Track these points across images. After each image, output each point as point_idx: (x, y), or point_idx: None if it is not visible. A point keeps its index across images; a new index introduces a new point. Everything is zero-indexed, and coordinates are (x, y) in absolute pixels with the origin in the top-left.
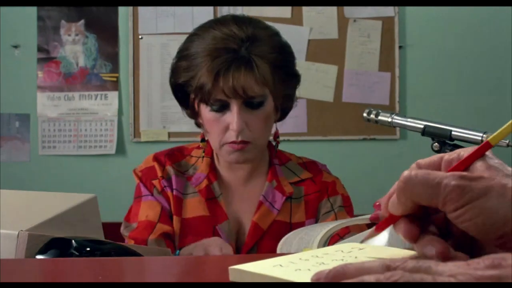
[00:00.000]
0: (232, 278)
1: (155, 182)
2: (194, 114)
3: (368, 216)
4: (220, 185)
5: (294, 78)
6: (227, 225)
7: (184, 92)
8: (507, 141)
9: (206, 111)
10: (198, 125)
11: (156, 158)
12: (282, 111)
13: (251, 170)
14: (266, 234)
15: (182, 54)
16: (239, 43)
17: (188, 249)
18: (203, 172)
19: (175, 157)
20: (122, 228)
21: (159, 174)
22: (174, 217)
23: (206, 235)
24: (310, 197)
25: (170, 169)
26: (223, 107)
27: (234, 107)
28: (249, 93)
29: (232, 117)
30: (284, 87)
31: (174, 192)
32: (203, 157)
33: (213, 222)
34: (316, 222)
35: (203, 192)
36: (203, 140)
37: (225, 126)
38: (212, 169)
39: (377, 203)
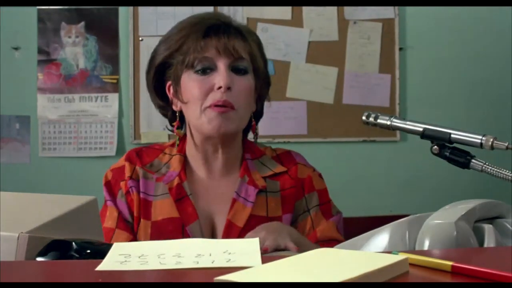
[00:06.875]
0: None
1: (122, 184)
2: (172, 96)
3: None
4: (192, 183)
5: (268, 78)
6: (197, 225)
7: (161, 79)
8: (506, 144)
9: (189, 79)
10: (171, 118)
11: (128, 157)
12: (257, 112)
13: (226, 163)
14: (243, 230)
15: (158, 45)
16: (223, 18)
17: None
18: (175, 170)
19: (148, 156)
20: None
21: (128, 174)
22: (142, 221)
23: (175, 237)
24: (286, 192)
25: (139, 170)
26: (208, 69)
27: (222, 66)
28: (239, 51)
29: (219, 75)
30: (264, 72)
31: (141, 195)
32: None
33: (182, 223)
34: (293, 219)
35: (173, 192)
36: (179, 127)
37: (210, 87)
38: (184, 167)
39: None
